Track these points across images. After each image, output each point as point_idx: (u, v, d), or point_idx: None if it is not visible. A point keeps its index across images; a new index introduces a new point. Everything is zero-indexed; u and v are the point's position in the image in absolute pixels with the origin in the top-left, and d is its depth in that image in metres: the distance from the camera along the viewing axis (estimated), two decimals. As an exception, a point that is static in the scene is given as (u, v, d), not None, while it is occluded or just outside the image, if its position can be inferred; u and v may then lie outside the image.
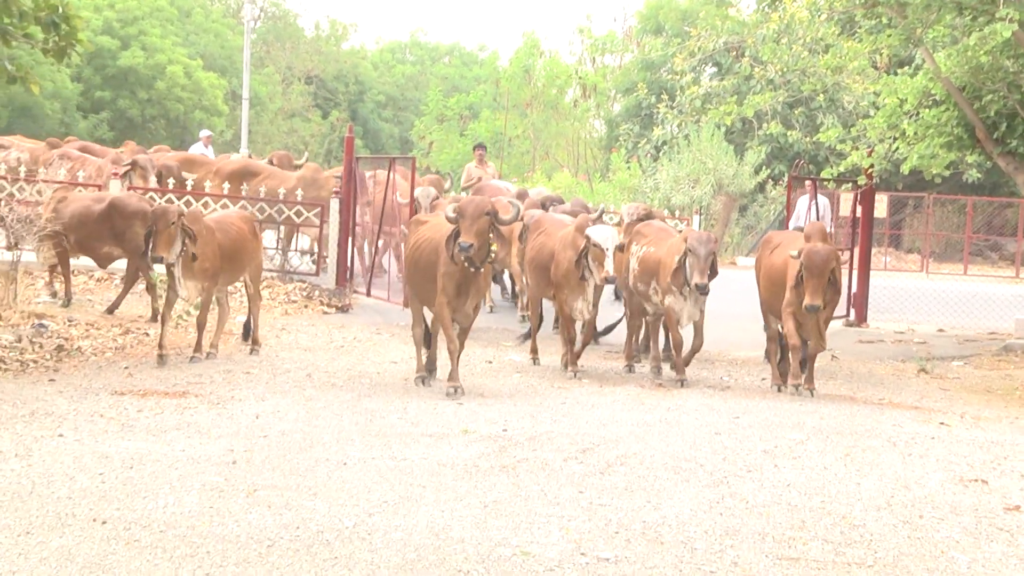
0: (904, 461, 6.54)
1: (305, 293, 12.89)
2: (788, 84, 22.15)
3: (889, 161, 12.20)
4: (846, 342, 12.04)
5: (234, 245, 9.38)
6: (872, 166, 12.24)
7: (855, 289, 13.27)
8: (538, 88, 34.47)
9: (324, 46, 51.83)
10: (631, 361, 9.83)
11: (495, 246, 8.17)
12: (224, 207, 12.62)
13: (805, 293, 8.51)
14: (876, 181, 13.44)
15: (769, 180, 25.00)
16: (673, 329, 9.20)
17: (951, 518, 5.40)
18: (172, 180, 13.52)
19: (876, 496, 5.72)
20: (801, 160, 23.40)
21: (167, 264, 8.82)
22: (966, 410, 8.53)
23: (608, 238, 8.69)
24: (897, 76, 12.75)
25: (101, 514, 4.95)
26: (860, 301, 13.38)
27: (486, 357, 10.03)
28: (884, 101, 12.51)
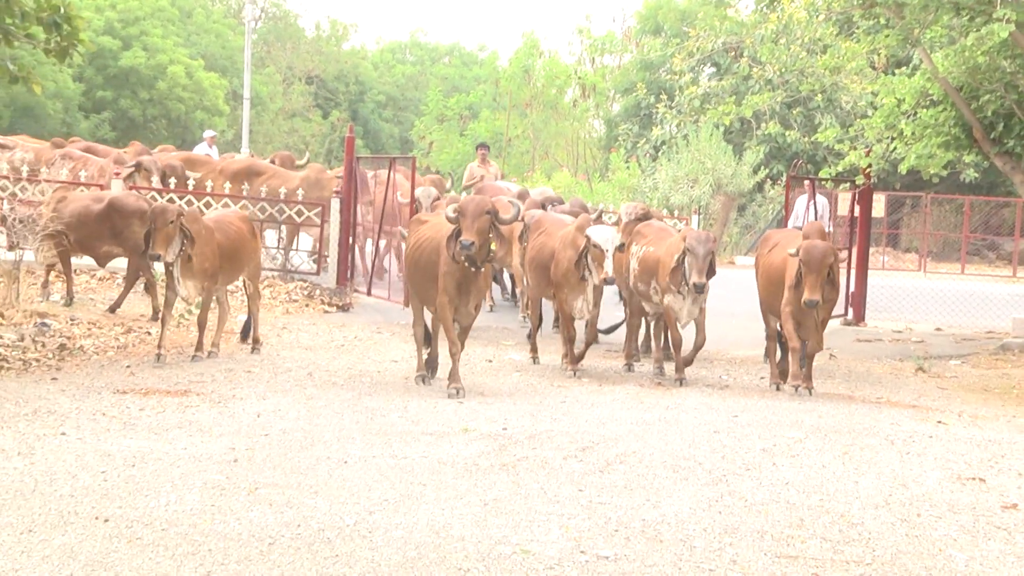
0: (902, 459, 6.56)
1: (306, 292, 12.93)
2: (786, 84, 22.19)
3: (887, 161, 12.21)
4: (844, 341, 12.06)
5: (233, 245, 9.42)
6: (870, 166, 12.27)
7: (853, 288, 13.30)
8: (537, 88, 34.49)
9: (325, 46, 51.82)
10: (630, 360, 9.86)
11: (495, 245, 8.20)
12: (225, 207, 12.66)
13: (804, 289, 8.53)
14: (874, 181, 13.46)
15: (767, 180, 25.03)
16: (672, 328, 9.22)
17: (949, 516, 5.42)
18: (173, 180, 13.53)
19: (874, 494, 5.74)
20: (799, 160, 23.45)
21: (166, 263, 8.86)
22: (963, 409, 8.55)
23: (608, 239, 8.71)
24: (895, 76, 12.78)
25: (103, 512, 4.97)
26: (858, 300, 13.41)
27: (486, 356, 10.06)
28: (882, 101, 12.52)
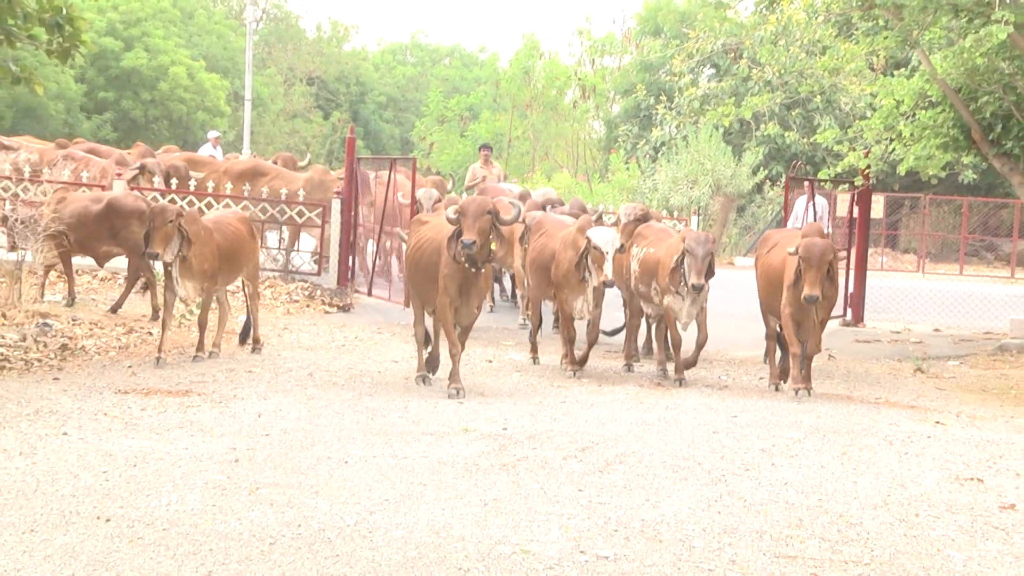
0: (900, 460, 6.57)
1: (307, 293, 12.95)
2: (786, 85, 22.26)
3: (886, 162, 12.22)
4: (843, 342, 12.07)
5: (232, 246, 9.44)
6: (869, 167, 12.28)
7: (852, 289, 13.31)
8: (538, 89, 34.51)
9: (326, 47, 51.85)
10: (630, 360, 9.88)
11: (495, 245, 8.22)
12: (227, 207, 12.68)
13: (804, 285, 8.50)
14: (873, 182, 13.49)
15: (767, 181, 25.06)
16: (672, 328, 9.23)
17: (947, 516, 5.43)
18: (175, 180, 13.56)
19: (873, 494, 5.75)
20: (798, 161, 23.45)
21: (164, 264, 8.88)
22: (962, 409, 8.55)
23: (609, 240, 8.71)
24: (894, 78, 12.76)
25: (105, 512, 4.99)
26: (857, 301, 13.42)
27: (486, 356, 10.07)
28: (881, 102, 12.54)
